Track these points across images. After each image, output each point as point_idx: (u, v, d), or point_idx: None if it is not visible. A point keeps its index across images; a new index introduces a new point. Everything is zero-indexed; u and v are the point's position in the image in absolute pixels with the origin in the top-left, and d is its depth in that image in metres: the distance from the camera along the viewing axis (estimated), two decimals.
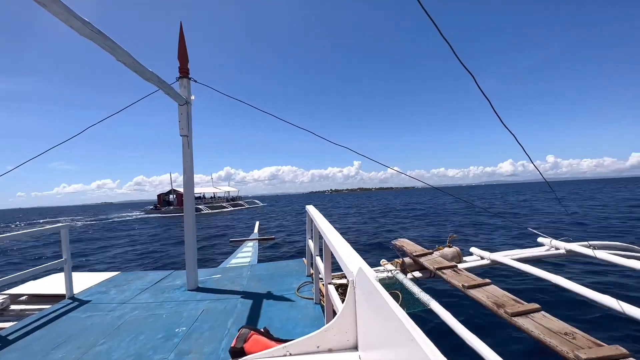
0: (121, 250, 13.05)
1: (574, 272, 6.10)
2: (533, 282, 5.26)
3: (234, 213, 37.48)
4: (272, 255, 10.15)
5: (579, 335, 1.95)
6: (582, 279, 5.68)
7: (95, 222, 33.61)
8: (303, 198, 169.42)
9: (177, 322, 2.75)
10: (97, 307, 3.22)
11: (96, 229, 24.56)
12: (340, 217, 23.64)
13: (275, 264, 4.77)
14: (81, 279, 4.16)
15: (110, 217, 40.93)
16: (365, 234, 13.96)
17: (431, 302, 2.65)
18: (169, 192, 47.04)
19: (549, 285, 3.04)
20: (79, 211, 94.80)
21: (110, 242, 15.81)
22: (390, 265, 4.01)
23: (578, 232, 11.19)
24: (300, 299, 3.19)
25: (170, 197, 46.35)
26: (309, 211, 2.86)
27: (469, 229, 13.53)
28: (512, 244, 9.35)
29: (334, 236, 1.60)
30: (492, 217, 16.45)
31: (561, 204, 5.88)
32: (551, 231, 5.20)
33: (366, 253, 9.11)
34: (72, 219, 42.35)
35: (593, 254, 3.45)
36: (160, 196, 47.24)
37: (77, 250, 13.39)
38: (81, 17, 1.93)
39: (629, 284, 5.41)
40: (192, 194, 3.77)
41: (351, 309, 1.06)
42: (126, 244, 14.86)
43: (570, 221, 13.96)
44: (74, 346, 2.40)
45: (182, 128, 3.61)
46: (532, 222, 14.25)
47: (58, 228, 3.45)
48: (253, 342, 1.29)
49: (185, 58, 3.67)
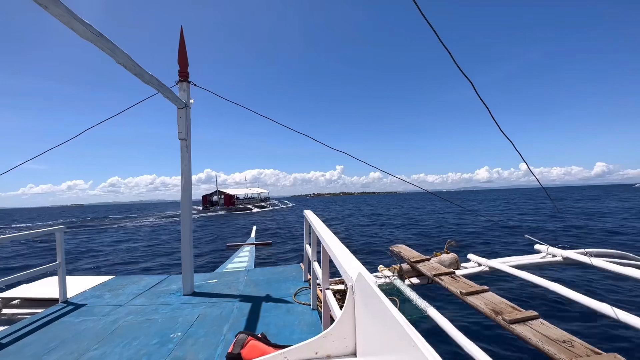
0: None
1: (570, 280, 6.11)
2: (531, 289, 5.26)
3: (275, 212, 41.62)
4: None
5: (577, 343, 1.94)
6: (579, 286, 5.69)
7: (163, 220, 32.57)
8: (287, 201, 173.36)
9: (172, 328, 2.71)
10: (91, 312, 3.16)
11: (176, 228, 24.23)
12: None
13: (272, 269, 4.74)
14: (75, 282, 4.10)
15: (163, 216, 40.08)
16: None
17: (429, 309, 2.64)
18: (214, 193, 50.13)
19: (547, 293, 3.04)
20: (77, 212, 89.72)
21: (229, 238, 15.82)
22: (388, 271, 4.00)
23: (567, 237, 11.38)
24: (298, 304, 3.16)
25: (215, 198, 49.25)
26: (307, 216, 2.86)
27: (468, 236, 13.55)
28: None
29: (333, 241, 1.59)
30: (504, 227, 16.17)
31: (558, 209, 5.94)
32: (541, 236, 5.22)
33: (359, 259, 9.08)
34: (71, 221, 39.95)
35: (589, 262, 3.46)
36: (205, 197, 50.36)
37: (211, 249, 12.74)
38: (82, 19, 1.93)
39: (624, 291, 5.42)
40: (189, 197, 3.74)
41: (350, 315, 1.05)
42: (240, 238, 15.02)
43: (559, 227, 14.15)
44: (67, 351, 2.35)
45: (181, 132, 3.61)
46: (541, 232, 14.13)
47: (53, 230, 3.41)
48: (250, 348, 1.28)
49: (185, 62, 3.68)
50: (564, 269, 6.62)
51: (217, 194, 49.67)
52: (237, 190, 55.87)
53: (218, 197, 48.93)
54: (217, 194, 49.56)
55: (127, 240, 17.27)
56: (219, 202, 48.41)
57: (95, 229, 26.03)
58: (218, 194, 49.61)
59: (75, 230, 25.22)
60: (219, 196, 49.04)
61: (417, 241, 12.82)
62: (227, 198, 48.32)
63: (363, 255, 10.11)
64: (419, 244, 12.10)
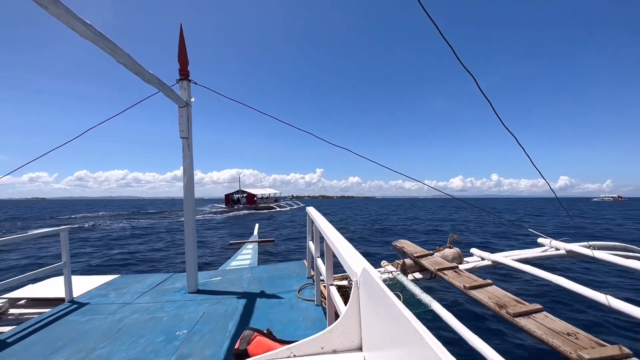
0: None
1: (574, 272, 6.11)
2: (534, 283, 5.27)
3: (294, 211, 44.90)
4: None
5: (581, 335, 1.95)
6: (583, 278, 5.69)
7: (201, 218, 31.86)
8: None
9: (178, 325, 2.73)
10: (96, 311, 3.19)
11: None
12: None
13: (275, 266, 4.76)
14: (80, 282, 4.14)
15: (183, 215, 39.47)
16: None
17: (432, 303, 2.64)
18: (236, 192, 53.53)
19: (550, 286, 3.04)
20: (83, 206, 79.92)
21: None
22: (391, 267, 4.01)
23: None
24: (301, 300, 3.18)
25: (236, 197, 52.50)
26: (310, 213, 2.86)
27: (471, 231, 13.55)
28: None
29: (336, 237, 1.59)
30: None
31: (570, 217, 6.00)
32: None
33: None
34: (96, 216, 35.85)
35: (592, 255, 3.45)
36: (228, 196, 53.55)
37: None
38: (82, 19, 1.93)
39: (627, 283, 5.42)
40: (192, 195, 3.75)
41: (355, 310, 1.05)
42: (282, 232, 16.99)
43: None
44: (74, 350, 2.38)
45: (182, 130, 3.61)
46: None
47: (58, 231, 3.43)
48: (257, 344, 1.29)
49: (185, 60, 3.68)
50: (568, 262, 6.61)
51: (239, 192, 53.38)
52: (255, 190, 59.76)
53: (240, 196, 52.54)
54: (239, 193, 53.30)
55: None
56: (241, 200, 51.89)
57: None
58: (240, 193, 53.36)
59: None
60: (241, 195, 52.81)
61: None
62: (250, 197, 52.32)
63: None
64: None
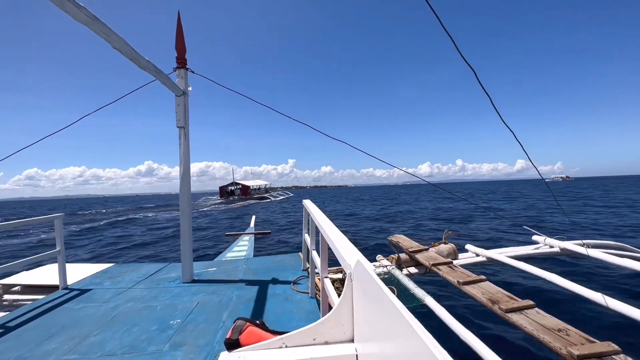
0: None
1: (567, 270, 6.18)
2: (527, 279, 5.32)
3: (285, 201, 46.61)
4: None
5: (572, 331, 1.97)
6: (575, 276, 5.76)
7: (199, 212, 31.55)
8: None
9: (172, 314, 2.74)
10: (91, 298, 3.19)
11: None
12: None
13: (271, 257, 4.77)
14: (75, 270, 4.13)
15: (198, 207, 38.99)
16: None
17: (426, 298, 2.66)
18: (230, 184, 56.67)
19: (543, 283, 3.07)
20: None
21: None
22: (386, 261, 4.03)
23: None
24: (296, 292, 3.19)
25: (230, 189, 55.53)
26: (306, 205, 2.85)
27: (462, 226, 13.66)
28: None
29: (331, 230, 1.58)
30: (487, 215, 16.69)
31: (560, 207, 5.98)
32: None
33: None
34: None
35: (586, 253, 3.48)
36: (222, 188, 56.39)
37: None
38: (75, 1, 1.88)
39: (619, 281, 5.49)
40: (188, 186, 3.73)
41: (348, 302, 1.05)
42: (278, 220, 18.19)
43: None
44: (68, 337, 2.38)
45: (179, 119, 3.57)
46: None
47: (52, 218, 3.41)
48: (249, 334, 1.28)
49: (183, 48, 3.61)
50: (561, 259, 6.68)
51: (233, 185, 56.37)
52: (248, 182, 62.10)
53: (234, 188, 55.35)
54: (233, 185, 56.28)
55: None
56: (236, 192, 54.24)
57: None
58: (235, 184, 56.31)
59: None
60: (236, 187, 55.66)
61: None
62: (244, 189, 54.88)
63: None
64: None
